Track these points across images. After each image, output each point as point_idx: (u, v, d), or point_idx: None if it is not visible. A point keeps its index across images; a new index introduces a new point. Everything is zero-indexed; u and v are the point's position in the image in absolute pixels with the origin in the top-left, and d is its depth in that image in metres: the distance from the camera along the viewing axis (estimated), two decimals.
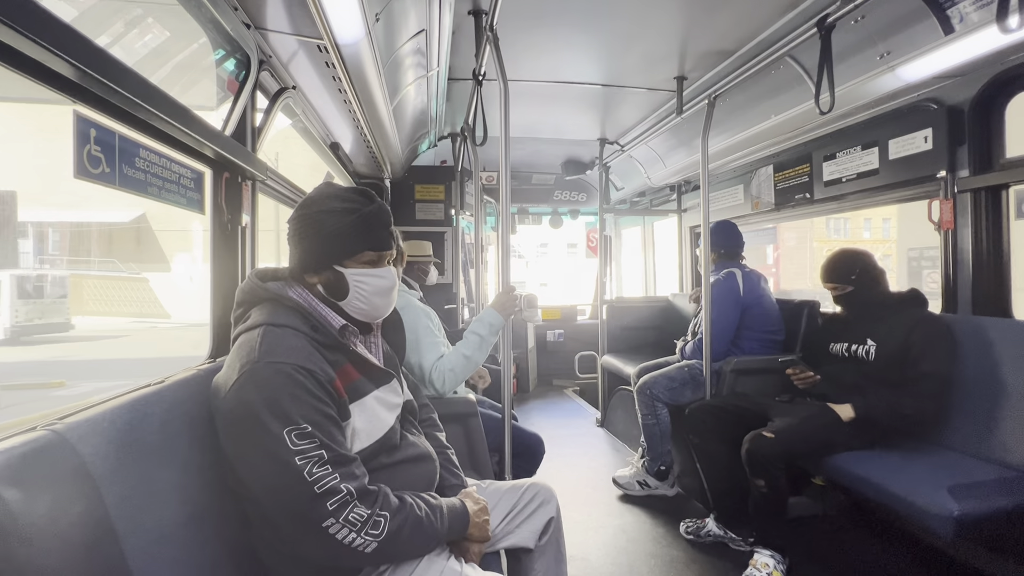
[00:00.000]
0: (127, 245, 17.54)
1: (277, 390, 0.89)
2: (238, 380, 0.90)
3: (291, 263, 1.10)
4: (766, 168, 3.28)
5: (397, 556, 0.99)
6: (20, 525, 0.58)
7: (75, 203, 15.73)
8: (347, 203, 1.06)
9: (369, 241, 1.08)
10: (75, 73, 0.87)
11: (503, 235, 1.84)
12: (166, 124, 1.15)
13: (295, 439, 0.87)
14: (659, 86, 2.86)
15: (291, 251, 1.10)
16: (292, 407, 0.88)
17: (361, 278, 1.07)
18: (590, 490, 2.82)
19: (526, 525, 1.30)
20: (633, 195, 4.86)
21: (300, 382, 0.91)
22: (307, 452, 0.87)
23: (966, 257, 2.09)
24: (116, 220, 16.99)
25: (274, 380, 0.89)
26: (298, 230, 1.07)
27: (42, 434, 0.68)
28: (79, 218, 16.64)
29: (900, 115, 2.30)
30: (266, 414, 0.87)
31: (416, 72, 2.26)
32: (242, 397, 0.89)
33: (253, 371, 0.90)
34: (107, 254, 17.26)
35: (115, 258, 17.11)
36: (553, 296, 15.23)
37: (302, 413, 0.89)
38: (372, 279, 1.08)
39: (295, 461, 0.86)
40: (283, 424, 0.87)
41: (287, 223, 1.11)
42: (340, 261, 1.06)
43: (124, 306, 16.01)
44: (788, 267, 26.51)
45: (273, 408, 0.87)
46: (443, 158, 4.19)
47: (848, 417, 1.91)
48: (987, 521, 1.44)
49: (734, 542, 2.17)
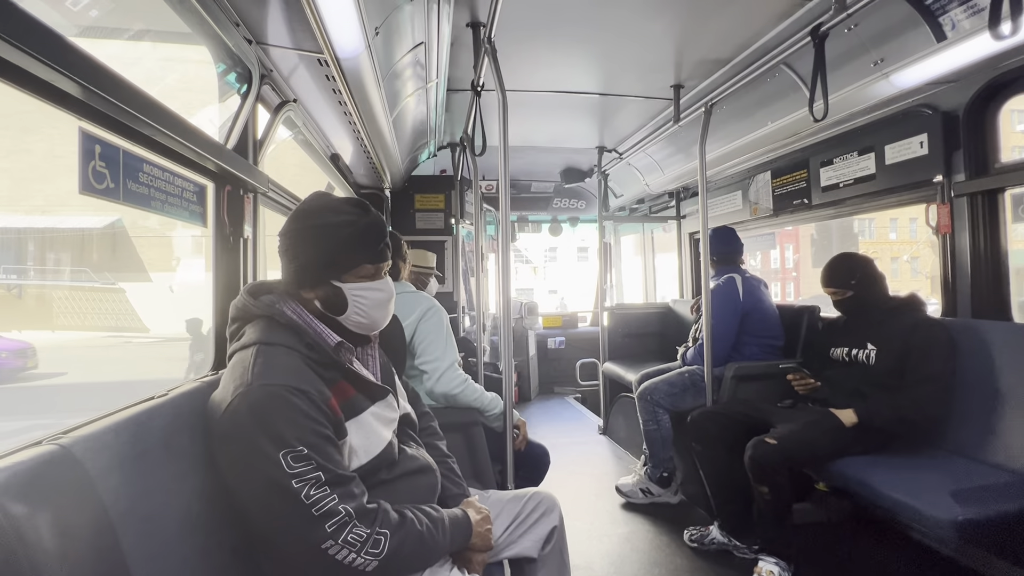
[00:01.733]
0: (101, 253, 16.38)
1: (271, 413, 0.88)
2: (232, 403, 0.89)
3: (285, 276, 1.07)
4: (764, 174, 3.30)
5: (399, 572, 0.98)
6: (27, 541, 0.58)
7: (43, 207, 14.68)
8: (343, 215, 1.03)
9: (367, 254, 1.05)
10: (81, 91, 0.89)
11: (503, 244, 1.85)
12: (169, 139, 1.16)
13: (291, 462, 0.85)
14: (656, 94, 2.88)
15: (285, 264, 1.06)
16: (287, 429, 0.87)
17: (360, 292, 1.05)
18: (593, 498, 2.81)
19: (529, 534, 1.29)
20: (632, 202, 4.88)
21: (294, 404, 0.89)
22: (304, 475, 0.86)
23: (964, 260, 2.09)
24: (89, 225, 15.72)
25: (268, 403, 0.88)
26: (293, 244, 1.04)
27: (48, 448, 0.68)
28: (48, 223, 15.26)
29: (895, 121, 2.32)
30: (261, 438, 0.86)
31: (415, 83, 2.28)
32: (237, 420, 0.88)
33: (247, 394, 0.89)
34: (78, 262, 15.97)
35: (87, 267, 15.73)
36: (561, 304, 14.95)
37: (297, 435, 0.87)
38: (371, 292, 1.06)
39: (292, 484, 0.84)
40: (279, 447, 0.85)
41: (279, 236, 1.07)
42: (338, 276, 1.04)
43: (97, 319, 14.76)
44: (810, 271, 25.41)
45: (268, 431, 0.86)
46: (443, 167, 4.22)
47: (851, 422, 1.91)
48: (991, 526, 1.44)
49: (738, 550, 2.15)
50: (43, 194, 15.14)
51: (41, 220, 15.29)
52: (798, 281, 25.77)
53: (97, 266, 15.94)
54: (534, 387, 5.34)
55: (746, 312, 2.63)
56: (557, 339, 5.67)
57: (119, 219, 15.77)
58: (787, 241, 26.54)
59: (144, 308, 15.17)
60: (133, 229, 16.37)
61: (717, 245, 2.80)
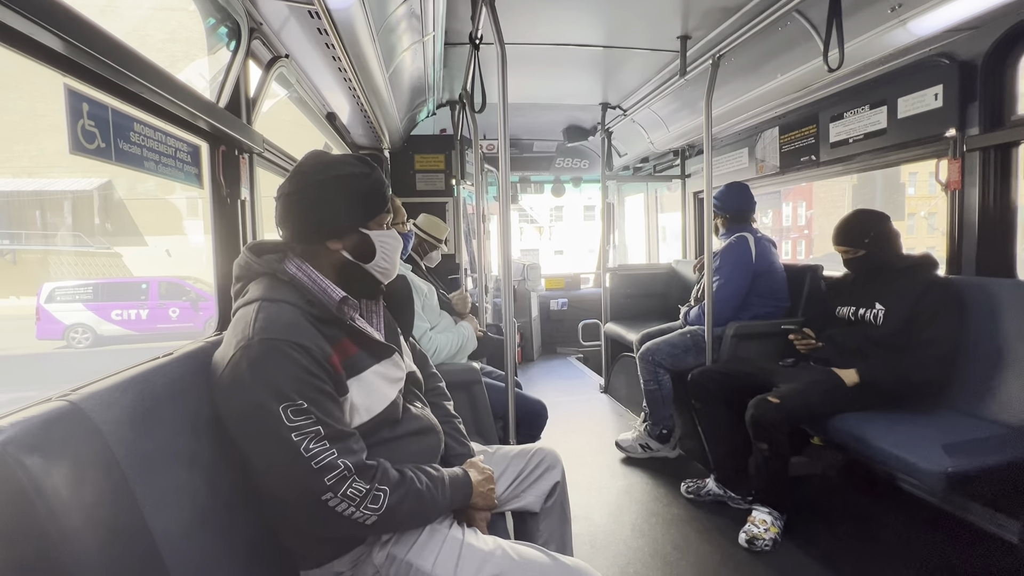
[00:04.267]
0: (93, 216, 15.78)
1: (272, 367, 0.89)
2: (233, 357, 0.90)
3: (295, 235, 1.07)
4: (771, 130, 3.21)
5: (398, 527, 1.01)
6: (42, 489, 0.61)
7: (29, 169, 14.13)
8: (355, 167, 1.08)
9: (385, 203, 1.12)
10: (63, 46, 0.86)
11: (503, 206, 1.82)
12: (159, 96, 1.13)
13: (291, 415, 0.87)
14: (662, 46, 2.77)
15: (295, 223, 1.06)
16: (287, 384, 0.89)
17: (383, 239, 1.11)
18: (594, 453, 2.89)
19: (532, 489, 1.33)
20: (636, 161, 4.79)
21: (294, 358, 0.91)
22: (303, 428, 0.87)
23: (972, 217, 2.06)
24: (79, 188, 15.08)
25: (269, 357, 0.89)
26: (311, 197, 1.03)
27: (57, 404, 0.70)
28: (36, 187, 14.81)
29: (911, 72, 2.23)
30: (261, 391, 0.87)
31: (411, 37, 2.20)
32: (237, 375, 0.89)
33: (248, 348, 0.90)
34: (71, 227, 15.47)
35: (81, 231, 15.25)
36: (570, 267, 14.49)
37: (297, 389, 0.89)
38: (390, 239, 1.12)
39: (292, 437, 0.86)
40: (279, 401, 0.87)
41: (283, 196, 1.06)
42: (365, 223, 1.09)
43: None
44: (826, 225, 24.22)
45: (268, 385, 0.88)
46: (443, 127, 4.13)
47: (852, 382, 1.92)
48: (979, 477, 1.48)
49: (733, 500, 2.23)
50: (27, 155, 14.58)
51: (29, 183, 14.83)
52: (809, 239, 25.30)
53: (91, 230, 15.49)
54: (537, 348, 5.40)
55: (758, 274, 2.58)
56: (560, 301, 5.70)
57: (109, 181, 15.23)
58: (800, 198, 25.83)
59: (142, 272, 14.77)
60: (127, 192, 15.87)
61: (729, 201, 2.71)
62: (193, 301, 11.66)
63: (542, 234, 25.46)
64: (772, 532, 1.93)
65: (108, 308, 11.45)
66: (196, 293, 11.75)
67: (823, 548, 1.90)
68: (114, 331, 11.44)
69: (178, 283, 11.94)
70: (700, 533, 2.06)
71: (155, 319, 11.52)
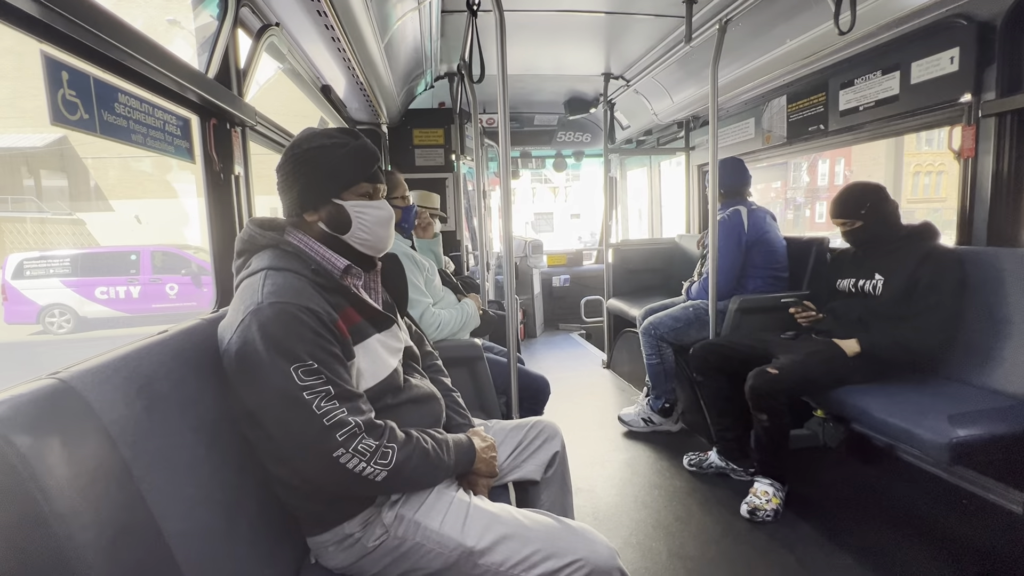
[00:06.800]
0: (45, 178, 12.97)
1: (282, 329, 0.91)
2: (243, 321, 0.92)
3: (287, 208, 1.10)
4: (779, 99, 3.12)
5: (407, 485, 1.03)
6: (34, 468, 0.60)
7: None
8: (335, 139, 1.07)
9: (363, 172, 1.09)
10: (38, 10, 0.82)
11: (504, 180, 1.78)
12: (143, 65, 1.09)
13: (302, 375, 0.89)
14: (667, 11, 2.67)
15: (285, 196, 1.10)
16: (297, 345, 0.91)
17: (361, 209, 1.09)
18: (596, 428, 2.91)
19: (532, 459, 1.35)
20: (639, 133, 4.69)
21: (304, 321, 0.93)
22: (314, 387, 0.90)
23: (985, 186, 2.01)
24: (28, 145, 12.26)
25: (278, 320, 0.91)
26: (291, 171, 1.06)
27: (47, 383, 0.69)
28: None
29: (925, 34, 2.15)
30: (272, 352, 0.89)
31: (406, 4, 2.12)
32: (248, 338, 0.90)
33: (258, 311, 0.92)
34: (19, 190, 12.62)
35: (32, 195, 12.48)
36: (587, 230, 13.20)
37: (307, 351, 0.91)
38: (371, 210, 1.10)
39: (303, 396, 0.89)
40: (289, 361, 0.89)
41: (276, 171, 1.10)
42: (338, 194, 1.07)
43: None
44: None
45: (279, 347, 0.89)
46: (441, 100, 4.03)
47: (853, 352, 1.92)
48: (983, 447, 1.47)
49: (735, 472, 2.25)
50: None
51: None
52: None
53: (45, 194, 12.88)
54: (539, 324, 5.40)
55: (751, 244, 2.59)
56: (562, 277, 5.68)
57: (64, 135, 12.46)
58: (839, 154, 24.68)
59: (109, 240, 12.32)
60: (83, 147, 13.08)
61: (724, 177, 2.70)
62: (195, 276, 9.68)
63: (557, 196, 24.15)
64: (774, 503, 1.94)
65: (91, 285, 9.33)
66: (198, 265, 9.69)
67: (825, 519, 1.92)
68: (100, 312, 9.41)
69: (176, 253, 10.00)
70: (702, 504, 2.08)
71: (149, 297, 9.52)
